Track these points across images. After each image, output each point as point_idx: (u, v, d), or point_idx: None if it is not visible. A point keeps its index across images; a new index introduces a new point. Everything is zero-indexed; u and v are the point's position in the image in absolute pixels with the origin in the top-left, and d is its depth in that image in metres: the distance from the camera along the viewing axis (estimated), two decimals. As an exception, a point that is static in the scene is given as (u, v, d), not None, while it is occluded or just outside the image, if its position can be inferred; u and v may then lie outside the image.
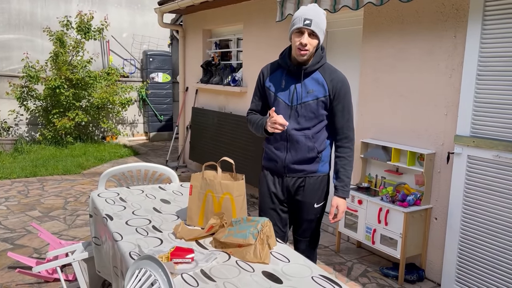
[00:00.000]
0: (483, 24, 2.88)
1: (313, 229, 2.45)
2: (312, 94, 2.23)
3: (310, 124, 2.26)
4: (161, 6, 6.54)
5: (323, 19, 2.16)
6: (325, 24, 2.18)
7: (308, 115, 2.25)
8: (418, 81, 3.40)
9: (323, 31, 2.17)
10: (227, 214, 2.12)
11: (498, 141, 2.82)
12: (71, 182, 6.05)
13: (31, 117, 8.74)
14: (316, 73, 2.26)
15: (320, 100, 2.23)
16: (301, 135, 2.28)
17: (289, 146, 2.31)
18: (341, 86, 2.24)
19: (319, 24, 2.13)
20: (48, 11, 8.86)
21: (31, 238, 4.02)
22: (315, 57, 2.24)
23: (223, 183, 2.12)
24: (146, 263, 1.59)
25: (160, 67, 9.78)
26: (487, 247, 2.95)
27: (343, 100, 2.25)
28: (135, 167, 3.17)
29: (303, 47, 2.14)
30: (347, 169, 2.28)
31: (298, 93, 2.25)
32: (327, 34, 4.51)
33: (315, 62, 2.24)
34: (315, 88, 2.24)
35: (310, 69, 2.24)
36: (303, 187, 2.36)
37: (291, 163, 2.32)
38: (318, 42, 2.19)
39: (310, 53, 2.18)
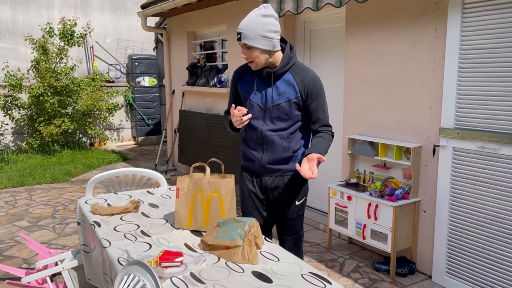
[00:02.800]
0: (463, 17, 2.91)
1: (297, 226, 2.46)
2: (284, 96, 2.23)
3: (284, 125, 2.27)
4: (144, 10, 6.50)
5: (260, 23, 2.07)
6: (262, 29, 2.07)
7: (282, 116, 2.25)
8: (401, 75, 3.43)
9: (260, 37, 2.08)
10: (215, 213, 2.12)
11: (482, 132, 2.85)
12: (60, 190, 5.99)
13: (17, 126, 8.63)
14: (287, 74, 2.24)
15: (292, 102, 2.23)
16: (276, 135, 2.28)
17: (265, 147, 2.31)
18: (313, 85, 2.22)
19: (250, 33, 2.07)
20: (30, 19, 8.76)
21: (20, 248, 3.97)
22: (283, 59, 2.21)
23: (211, 181, 2.12)
24: (134, 268, 1.58)
25: (146, 71, 9.73)
26: (475, 237, 2.98)
27: (316, 99, 2.24)
28: (123, 173, 3.15)
29: (247, 60, 2.16)
30: (321, 142, 2.21)
31: (270, 96, 2.25)
32: (311, 32, 4.53)
33: (284, 64, 2.21)
34: (286, 90, 2.23)
35: (279, 71, 2.22)
36: (282, 186, 2.36)
37: (267, 163, 2.32)
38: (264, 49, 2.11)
39: (260, 61, 2.16)
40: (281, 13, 3.87)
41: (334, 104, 4.35)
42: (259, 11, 2.09)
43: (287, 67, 2.22)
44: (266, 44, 2.11)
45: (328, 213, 3.81)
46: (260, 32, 2.09)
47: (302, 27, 4.62)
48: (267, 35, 2.10)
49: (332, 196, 3.75)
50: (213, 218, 2.12)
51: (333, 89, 4.34)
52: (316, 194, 4.74)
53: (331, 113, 4.39)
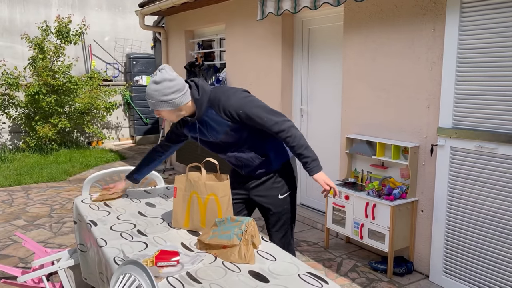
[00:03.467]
0: (461, 16, 2.91)
1: (284, 220, 2.48)
2: (221, 129, 2.26)
3: (240, 144, 2.33)
4: (142, 8, 6.48)
5: (153, 92, 2.13)
6: (163, 93, 2.13)
7: (232, 141, 2.32)
8: (399, 75, 3.43)
9: (164, 102, 2.14)
10: (212, 214, 2.11)
11: (479, 132, 2.85)
12: (57, 189, 5.97)
13: (14, 125, 8.60)
14: (208, 111, 2.24)
15: (230, 129, 2.25)
16: (239, 153, 2.36)
17: (239, 163, 2.42)
18: (232, 109, 2.20)
19: (151, 101, 2.15)
20: (28, 17, 8.73)
21: (16, 247, 3.95)
22: (196, 106, 2.23)
23: (207, 184, 2.11)
24: (130, 267, 1.57)
25: (144, 70, 9.70)
26: (472, 237, 2.98)
27: (245, 115, 2.20)
28: (120, 171, 3.13)
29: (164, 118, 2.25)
30: (300, 152, 2.26)
31: (210, 133, 2.31)
32: (309, 31, 4.52)
33: (199, 109, 2.24)
34: (218, 123, 2.25)
35: (199, 115, 2.25)
36: (263, 183, 2.43)
37: (247, 172, 2.43)
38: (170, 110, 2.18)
39: (173, 116, 2.23)
40: (279, 12, 3.87)
41: (331, 103, 4.35)
42: (153, 78, 2.16)
43: (203, 108, 2.24)
44: (168, 106, 2.16)
45: (326, 212, 3.81)
46: (158, 98, 2.14)
47: (300, 26, 4.61)
48: (165, 99, 2.14)
49: (329, 196, 3.75)
50: (210, 219, 2.11)
51: (331, 88, 4.34)
52: (313, 193, 4.74)
53: (329, 112, 4.38)
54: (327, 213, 3.80)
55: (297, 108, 4.77)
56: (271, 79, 4.83)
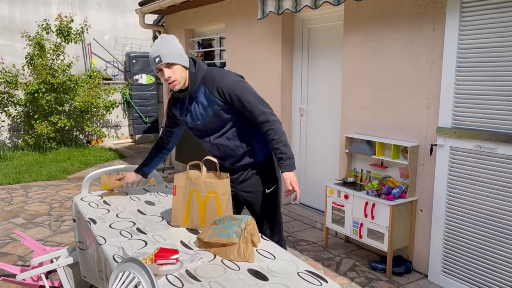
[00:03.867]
0: (461, 16, 2.91)
1: (271, 214, 2.50)
2: (209, 109, 2.29)
3: (226, 129, 2.34)
4: (142, 7, 6.48)
5: (173, 45, 2.19)
6: (177, 48, 2.19)
7: (218, 125, 2.33)
8: (399, 74, 3.43)
9: (178, 55, 2.19)
10: (212, 213, 2.11)
11: (479, 131, 2.85)
12: (56, 188, 5.97)
13: (13, 123, 8.59)
14: (201, 88, 2.29)
15: (219, 110, 2.29)
16: (223, 140, 2.37)
17: (222, 152, 2.43)
18: (225, 89, 2.24)
19: (169, 53, 2.17)
20: (28, 15, 8.72)
21: (15, 245, 3.95)
22: (190, 79, 2.27)
23: (207, 181, 2.11)
24: (129, 265, 1.57)
25: (144, 69, 9.70)
26: (472, 236, 2.98)
27: (236, 98, 2.25)
28: (119, 170, 3.13)
29: (169, 79, 2.22)
30: (278, 147, 2.27)
31: (198, 113, 2.33)
32: (309, 31, 4.52)
33: (193, 83, 2.27)
34: (208, 102, 2.29)
35: (192, 90, 2.29)
36: (250, 177, 2.44)
37: (230, 163, 2.45)
38: (183, 66, 2.22)
39: (181, 79, 2.24)
40: (280, 11, 3.87)
41: (331, 103, 4.35)
42: (162, 39, 2.21)
43: (197, 84, 2.28)
44: (183, 60, 2.22)
45: (325, 211, 3.81)
46: (177, 50, 2.20)
47: (301, 25, 4.61)
48: (182, 53, 2.22)
49: (329, 195, 3.75)
50: (210, 217, 2.11)
51: (330, 88, 4.34)
52: (313, 192, 4.74)
53: (329, 111, 4.39)
54: (326, 212, 3.80)
55: (296, 107, 4.77)
56: (271, 78, 4.83)
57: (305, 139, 4.74)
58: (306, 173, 4.78)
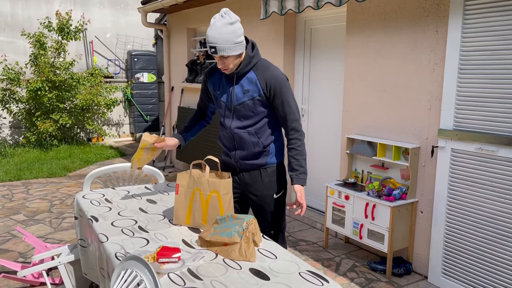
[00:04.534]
0: (464, 18, 2.92)
1: (278, 219, 2.51)
2: (248, 94, 2.30)
3: (251, 122, 2.34)
4: (144, 6, 6.48)
5: (230, 32, 2.11)
6: (234, 36, 2.13)
7: (248, 114, 2.33)
8: (401, 76, 3.43)
9: (234, 45, 2.14)
10: (214, 212, 2.11)
11: (480, 134, 2.86)
12: (57, 185, 5.98)
13: (14, 120, 8.60)
14: (250, 73, 2.30)
15: (256, 99, 2.29)
16: (244, 132, 2.35)
17: (236, 143, 2.41)
18: (275, 83, 2.27)
19: (224, 45, 2.12)
20: (30, 13, 8.72)
21: (16, 242, 3.96)
22: (244, 59, 2.27)
23: (210, 181, 2.11)
24: (131, 263, 1.58)
25: (145, 67, 9.71)
26: (472, 238, 2.99)
27: (279, 95, 2.28)
28: (121, 168, 3.14)
29: (222, 68, 2.23)
30: (298, 159, 2.32)
31: (235, 94, 2.32)
32: (311, 31, 4.53)
33: (246, 64, 2.28)
34: (250, 88, 2.29)
35: (242, 71, 2.29)
36: (259, 180, 2.42)
37: (240, 158, 2.42)
38: (237, 55, 2.18)
39: (235, 65, 2.24)
40: (283, 11, 3.87)
41: (333, 103, 4.35)
42: (224, 19, 2.11)
43: (249, 67, 2.29)
44: (239, 49, 2.19)
45: (325, 212, 3.82)
46: (233, 40, 2.14)
47: (303, 26, 4.62)
48: (238, 41, 2.16)
49: (329, 195, 3.76)
50: (212, 216, 2.12)
51: (332, 88, 4.35)
52: (313, 193, 4.74)
53: (330, 112, 4.39)
54: (326, 212, 3.81)
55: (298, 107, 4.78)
56: (272, 78, 4.83)
57: (306, 139, 4.75)
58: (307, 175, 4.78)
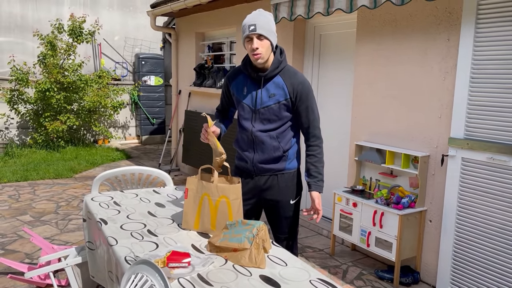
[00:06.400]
0: (476, 27, 2.90)
1: (292, 225, 2.51)
2: (273, 98, 2.31)
3: (274, 126, 2.34)
4: (153, 9, 6.51)
5: (269, 20, 2.22)
6: (272, 25, 2.23)
7: (272, 117, 2.33)
8: (411, 83, 3.42)
9: (271, 31, 2.22)
10: (223, 217, 2.10)
11: (492, 143, 2.83)
12: (63, 186, 5.99)
13: (22, 121, 8.64)
14: (277, 77, 2.32)
15: (281, 104, 2.30)
16: (266, 136, 2.36)
17: (255, 146, 2.40)
18: (302, 88, 2.29)
19: (264, 26, 2.18)
20: (39, 14, 8.79)
21: (22, 243, 3.96)
22: (273, 63, 2.29)
23: (219, 186, 2.10)
24: (142, 267, 1.57)
25: (153, 70, 9.74)
26: (481, 249, 2.96)
27: (305, 101, 2.31)
28: (129, 171, 3.14)
29: (255, 51, 2.21)
30: (318, 166, 2.36)
31: (260, 97, 2.33)
32: (320, 37, 4.52)
33: (274, 68, 2.30)
34: (276, 92, 2.31)
35: (270, 74, 2.30)
36: (275, 186, 2.42)
37: (258, 162, 2.40)
38: (271, 44, 2.23)
39: (266, 55, 2.23)
40: (292, 17, 3.87)
41: (342, 110, 4.34)
42: (260, 12, 2.22)
43: (277, 71, 2.31)
44: (273, 38, 2.24)
45: (333, 219, 3.79)
46: (272, 27, 2.22)
47: (312, 32, 4.61)
48: (274, 30, 2.23)
49: (337, 202, 3.74)
50: (221, 221, 2.11)
51: (341, 95, 4.33)
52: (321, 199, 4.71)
53: (339, 118, 4.38)
54: (334, 219, 3.79)
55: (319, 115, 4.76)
56: (281, 84, 4.83)
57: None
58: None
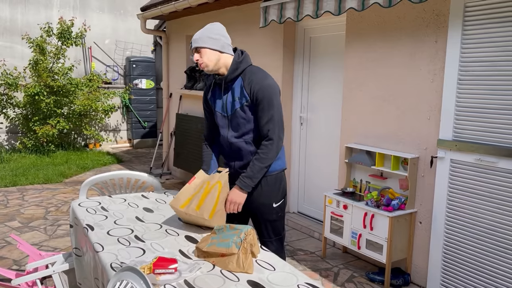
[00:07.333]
0: (463, 29, 2.92)
1: (278, 228, 2.51)
2: (238, 101, 2.30)
3: (246, 129, 2.34)
4: (144, 12, 6.48)
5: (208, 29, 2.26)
6: (211, 32, 2.25)
7: (241, 121, 2.33)
8: (400, 86, 3.43)
9: (208, 38, 2.24)
10: (210, 200, 2.18)
11: (480, 145, 2.84)
12: (53, 191, 5.93)
13: (11, 125, 8.56)
14: (238, 80, 2.32)
15: (245, 105, 2.29)
16: (241, 142, 2.37)
17: (234, 154, 2.42)
18: (259, 88, 2.25)
19: (200, 38, 2.24)
20: (28, 18, 8.71)
21: (10, 249, 3.91)
22: (231, 65, 2.30)
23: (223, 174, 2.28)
24: (127, 274, 1.55)
25: (144, 74, 9.70)
26: (471, 250, 2.97)
27: (262, 101, 2.26)
28: (118, 175, 3.11)
29: (198, 63, 2.27)
30: (255, 163, 2.28)
31: (228, 102, 2.34)
32: (310, 40, 4.53)
33: (233, 70, 2.30)
34: (239, 95, 2.31)
35: (229, 77, 2.30)
36: (259, 189, 2.41)
37: (239, 168, 2.42)
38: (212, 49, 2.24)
39: (209, 62, 2.26)
40: (282, 19, 3.87)
41: (332, 112, 4.34)
42: (208, 25, 2.30)
43: (237, 72, 2.30)
44: (213, 44, 2.24)
45: (324, 221, 3.79)
46: (207, 34, 2.25)
47: (302, 34, 4.62)
48: (213, 36, 2.24)
49: (328, 205, 3.73)
50: (207, 204, 2.17)
51: (331, 97, 4.34)
52: (311, 202, 4.72)
53: (329, 121, 4.38)
54: (325, 222, 3.78)
55: (296, 116, 4.77)
56: (271, 86, 4.82)
57: (304, 148, 4.73)
58: (305, 182, 4.76)
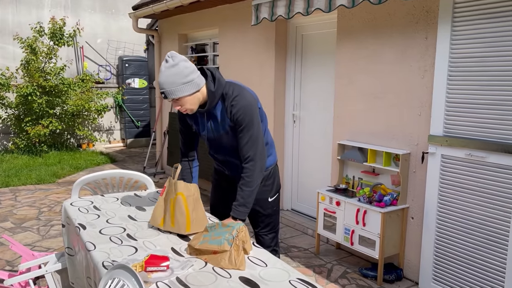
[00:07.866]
0: (453, 25, 2.94)
1: (272, 222, 2.53)
2: (222, 126, 2.26)
3: (234, 148, 2.32)
4: (135, 11, 6.46)
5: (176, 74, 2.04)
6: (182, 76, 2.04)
7: (230, 143, 2.30)
8: (391, 82, 3.45)
9: (183, 86, 2.05)
10: (181, 213, 2.13)
11: (470, 140, 2.87)
12: (45, 192, 5.90)
13: (3, 126, 8.50)
14: (219, 104, 2.23)
15: (229, 128, 2.24)
16: (234, 160, 2.38)
17: (229, 168, 2.45)
18: (237, 110, 2.16)
19: (172, 89, 2.04)
20: (20, 18, 8.65)
21: (3, 250, 3.89)
22: (208, 97, 2.17)
23: (176, 183, 2.18)
24: (119, 272, 1.55)
25: (136, 73, 9.67)
26: (462, 244, 3.00)
27: (241, 122, 2.17)
28: (110, 175, 3.11)
29: (183, 111, 2.16)
30: (243, 189, 2.20)
31: (213, 128, 2.30)
32: (302, 38, 4.54)
33: (212, 100, 2.18)
34: (221, 119, 2.25)
35: (210, 107, 2.20)
36: None
37: (236, 175, 2.43)
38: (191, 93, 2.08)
39: (193, 105, 2.13)
40: (273, 17, 3.88)
41: (324, 110, 4.36)
42: (167, 63, 2.05)
43: (215, 101, 2.19)
44: (190, 89, 2.07)
45: (317, 218, 3.80)
46: (179, 81, 2.05)
47: (294, 32, 4.63)
48: (185, 80, 2.05)
49: (320, 201, 3.75)
50: (179, 218, 2.14)
51: (323, 94, 4.35)
52: (304, 199, 4.73)
53: (321, 118, 4.39)
54: (318, 219, 3.80)
55: (289, 113, 4.78)
56: (263, 84, 4.83)
57: (297, 145, 4.74)
58: (298, 179, 4.78)
